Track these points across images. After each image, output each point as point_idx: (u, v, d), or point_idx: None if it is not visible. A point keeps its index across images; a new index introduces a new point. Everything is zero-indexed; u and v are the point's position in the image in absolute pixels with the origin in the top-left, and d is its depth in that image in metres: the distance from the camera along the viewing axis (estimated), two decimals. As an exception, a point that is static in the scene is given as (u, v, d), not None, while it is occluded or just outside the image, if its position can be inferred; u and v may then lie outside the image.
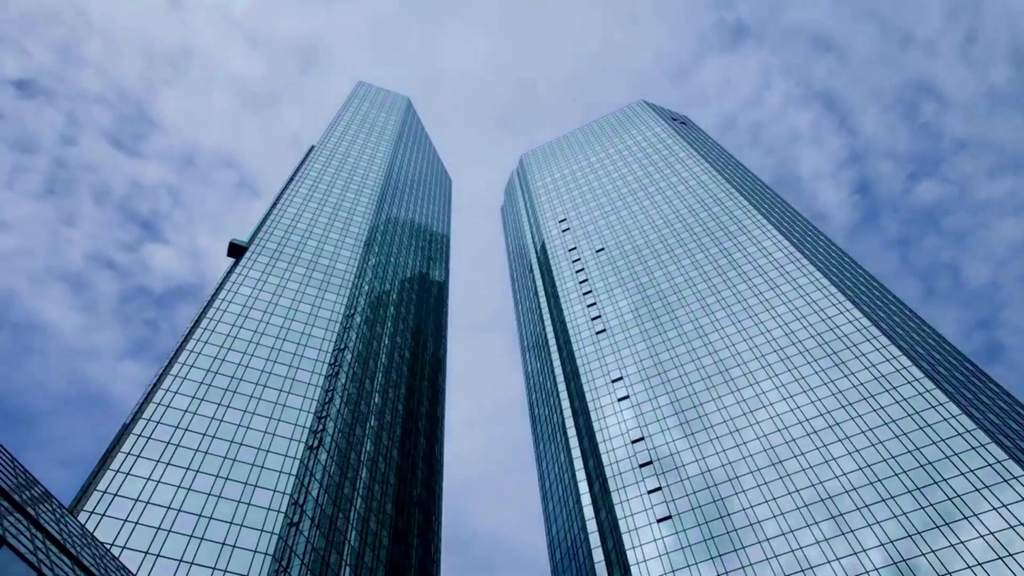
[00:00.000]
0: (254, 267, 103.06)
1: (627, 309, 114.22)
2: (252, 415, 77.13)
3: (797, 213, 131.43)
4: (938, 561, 60.98)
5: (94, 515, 59.42)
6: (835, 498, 70.79)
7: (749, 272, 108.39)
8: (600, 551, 79.65)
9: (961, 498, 64.86)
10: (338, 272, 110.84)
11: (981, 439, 68.86)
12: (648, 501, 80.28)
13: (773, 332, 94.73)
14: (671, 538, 74.99)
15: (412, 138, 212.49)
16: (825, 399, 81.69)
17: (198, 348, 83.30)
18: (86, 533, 37.44)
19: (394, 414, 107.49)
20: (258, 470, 70.59)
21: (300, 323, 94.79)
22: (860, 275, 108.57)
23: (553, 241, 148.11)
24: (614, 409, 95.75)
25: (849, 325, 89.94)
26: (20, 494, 29.81)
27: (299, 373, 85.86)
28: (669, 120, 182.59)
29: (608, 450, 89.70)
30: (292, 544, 65.58)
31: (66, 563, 28.44)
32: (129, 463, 65.67)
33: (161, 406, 73.45)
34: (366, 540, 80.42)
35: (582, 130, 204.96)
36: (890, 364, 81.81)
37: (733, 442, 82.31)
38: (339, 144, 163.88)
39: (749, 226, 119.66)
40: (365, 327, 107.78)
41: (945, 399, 74.58)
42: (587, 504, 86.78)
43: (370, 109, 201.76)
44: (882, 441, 73.65)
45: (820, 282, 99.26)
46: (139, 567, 56.67)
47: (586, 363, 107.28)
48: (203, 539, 61.49)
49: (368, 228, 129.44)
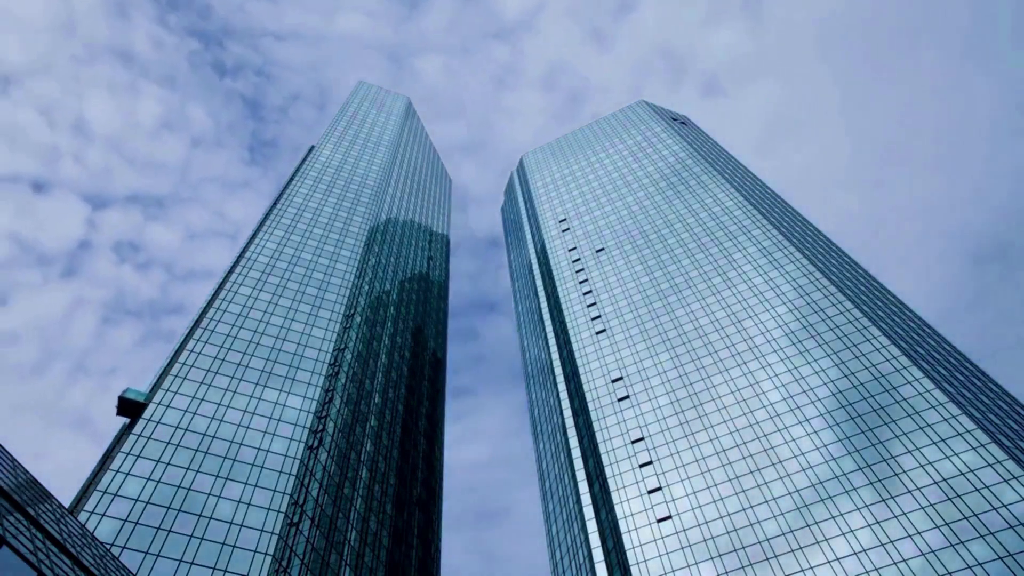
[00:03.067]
0: (254, 267, 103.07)
1: (627, 309, 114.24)
2: (252, 415, 77.14)
3: (797, 213, 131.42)
4: (938, 561, 60.99)
5: (94, 515, 59.43)
6: (835, 498, 70.80)
7: (749, 272, 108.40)
8: (600, 551, 79.66)
9: (961, 498, 64.88)
10: (338, 272, 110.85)
11: (981, 439, 68.88)
12: (648, 501, 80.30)
13: (773, 332, 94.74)
14: (671, 538, 75.01)
15: (412, 138, 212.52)
16: (825, 399, 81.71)
17: (198, 348, 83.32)
18: (86, 533, 37.44)
19: (394, 414, 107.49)
20: (258, 470, 70.60)
21: (300, 323, 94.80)
22: (860, 275, 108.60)
23: (553, 241, 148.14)
24: (614, 409, 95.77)
25: (849, 326, 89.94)
26: (20, 494, 29.82)
27: (299, 373, 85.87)
28: (669, 120, 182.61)
29: (608, 450, 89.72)
30: (292, 544, 65.58)
31: (66, 563, 28.45)
32: (129, 463, 65.68)
33: (161, 406, 73.47)
34: (366, 540, 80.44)
35: (582, 130, 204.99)
36: (890, 364, 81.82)
37: (733, 442, 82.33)
38: (339, 144, 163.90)
39: (749, 226, 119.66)
40: (365, 327, 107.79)
41: (945, 399, 74.60)
42: (587, 504, 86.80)
43: (370, 109, 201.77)
44: (882, 441, 73.66)
45: (820, 282, 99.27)
46: (139, 567, 56.68)
47: (586, 363, 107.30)
48: (203, 539, 61.50)
49: (368, 228, 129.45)
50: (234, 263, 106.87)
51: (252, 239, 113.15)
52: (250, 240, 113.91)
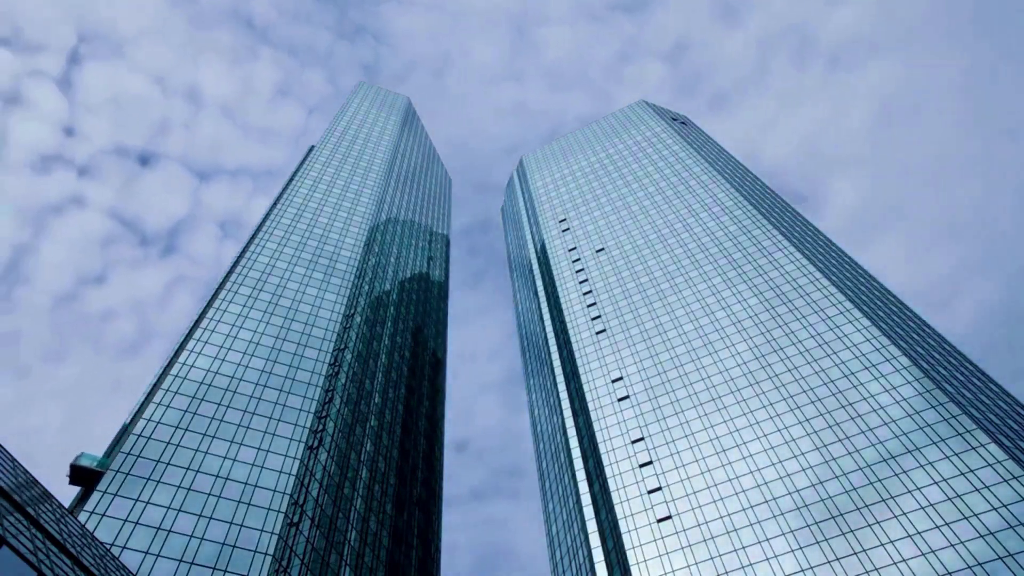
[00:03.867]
0: (254, 267, 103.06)
1: (627, 309, 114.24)
2: (252, 415, 77.14)
3: (797, 214, 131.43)
4: (938, 561, 60.98)
5: (94, 515, 59.44)
6: (835, 498, 70.81)
7: (749, 272, 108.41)
8: (600, 551, 79.66)
9: (961, 498, 64.87)
10: (338, 272, 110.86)
11: (981, 439, 68.88)
12: (648, 501, 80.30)
13: (773, 332, 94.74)
14: (671, 538, 74.99)
15: (412, 138, 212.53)
16: (825, 399, 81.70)
17: (198, 348, 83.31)
18: (86, 533, 37.45)
19: (394, 414, 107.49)
20: (258, 470, 70.61)
21: (300, 323, 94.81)
22: (860, 274, 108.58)
23: (553, 241, 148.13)
24: (614, 409, 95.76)
25: (850, 326, 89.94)
26: (20, 494, 29.82)
27: (299, 373, 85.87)
28: (669, 120, 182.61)
29: (608, 450, 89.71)
30: (292, 544, 65.59)
31: (66, 563, 28.45)
32: (129, 463, 65.69)
33: (161, 406, 73.48)
34: (366, 540, 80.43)
35: (582, 130, 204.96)
36: (890, 364, 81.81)
37: (733, 442, 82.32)
38: (339, 144, 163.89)
39: (749, 226, 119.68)
40: (365, 327, 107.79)
41: (945, 399, 74.59)
42: (587, 504, 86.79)
43: (370, 109, 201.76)
44: (882, 441, 73.66)
45: (820, 282, 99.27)
46: (139, 567, 56.68)
47: (586, 363, 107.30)
48: (203, 539, 61.50)
49: (368, 228, 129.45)
50: (235, 263, 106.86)
51: (252, 239, 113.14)
52: (250, 240, 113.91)
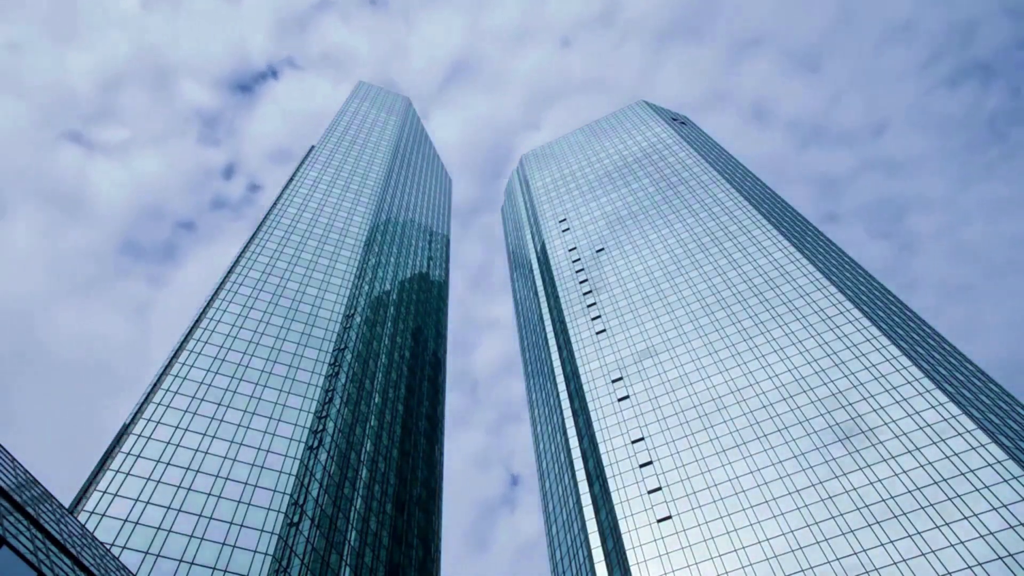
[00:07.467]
0: (255, 267, 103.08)
1: (627, 309, 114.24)
2: (252, 415, 77.14)
3: (798, 214, 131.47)
4: (938, 561, 60.98)
5: (94, 515, 59.44)
6: (835, 498, 70.81)
7: (749, 271, 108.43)
8: (600, 551, 79.66)
9: (961, 498, 64.88)
10: (338, 272, 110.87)
11: (981, 439, 68.88)
12: (648, 501, 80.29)
13: (773, 332, 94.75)
14: (671, 538, 74.99)
15: (412, 138, 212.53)
16: (825, 399, 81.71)
17: (198, 348, 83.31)
18: (86, 533, 37.44)
19: (394, 414, 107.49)
20: (258, 470, 70.60)
21: (300, 323, 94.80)
22: (861, 274, 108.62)
23: (553, 241, 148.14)
24: (614, 409, 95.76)
25: (850, 326, 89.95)
26: (20, 494, 29.82)
27: (299, 373, 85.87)
28: (669, 120, 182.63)
29: (608, 450, 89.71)
30: (292, 544, 65.59)
31: (66, 563, 28.44)
32: (129, 463, 65.69)
33: (161, 406, 73.48)
34: (366, 540, 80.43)
35: (582, 130, 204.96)
36: (890, 364, 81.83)
37: (733, 442, 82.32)
38: (339, 144, 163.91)
39: (749, 226, 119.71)
40: (365, 327, 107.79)
41: (945, 399, 74.60)
42: (587, 504, 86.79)
43: (370, 109, 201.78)
44: (882, 441, 73.65)
45: (820, 282, 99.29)
46: (139, 567, 56.67)
47: (586, 363, 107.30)
48: (203, 539, 61.50)
49: (368, 228, 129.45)
50: (234, 262, 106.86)
51: (252, 238, 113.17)
52: (250, 239, 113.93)
